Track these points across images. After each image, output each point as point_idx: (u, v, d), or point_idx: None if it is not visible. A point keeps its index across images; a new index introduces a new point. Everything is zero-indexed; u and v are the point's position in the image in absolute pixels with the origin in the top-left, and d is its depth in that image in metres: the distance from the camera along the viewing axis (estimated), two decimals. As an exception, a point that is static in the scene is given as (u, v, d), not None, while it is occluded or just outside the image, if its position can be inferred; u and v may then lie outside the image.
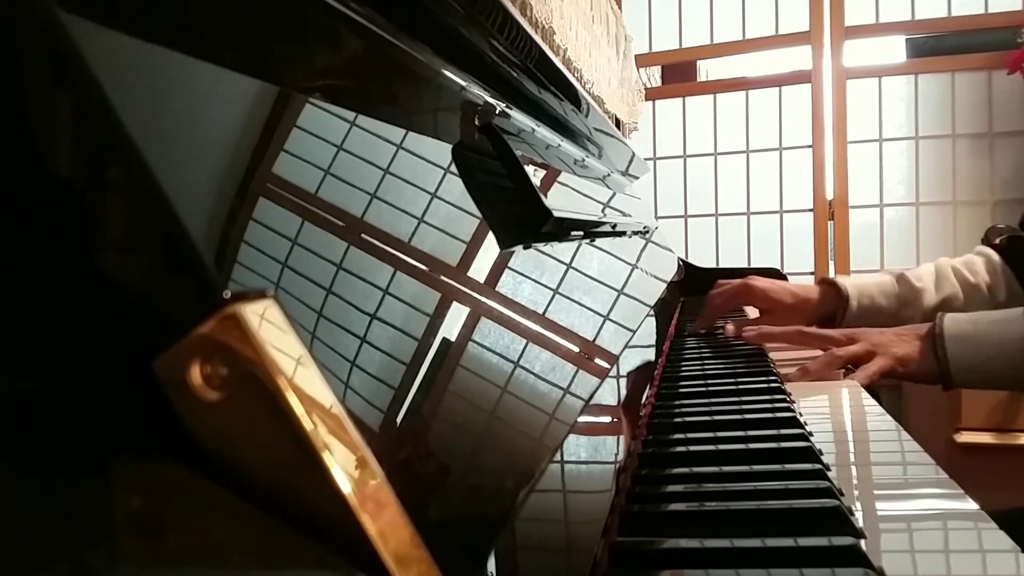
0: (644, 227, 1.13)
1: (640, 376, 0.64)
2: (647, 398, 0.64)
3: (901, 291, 1.03)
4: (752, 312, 1.20)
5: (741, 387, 0.69)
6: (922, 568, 0.36)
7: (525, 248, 0.48)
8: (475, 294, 0.36)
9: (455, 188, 0.41)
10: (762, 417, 0.57)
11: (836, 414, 0.70)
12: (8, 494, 0.15)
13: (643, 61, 2.37)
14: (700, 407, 0.62)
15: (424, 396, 0.27)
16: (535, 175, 0.56)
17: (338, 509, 0.16)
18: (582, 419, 0.41)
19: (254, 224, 0.22)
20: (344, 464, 0.17)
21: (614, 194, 1.04)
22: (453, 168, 0.42)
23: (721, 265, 2.33)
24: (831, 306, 1.04)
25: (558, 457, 0.35)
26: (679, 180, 2.47)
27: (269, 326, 0.17)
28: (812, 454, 0.48)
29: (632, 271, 0.85)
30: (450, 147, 0.43)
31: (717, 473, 0.46)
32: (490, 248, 0.41)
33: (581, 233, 0.67)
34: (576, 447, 0.39)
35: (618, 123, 1.71)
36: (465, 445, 0.29)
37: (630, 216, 1.03)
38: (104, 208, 0.18)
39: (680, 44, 2.46)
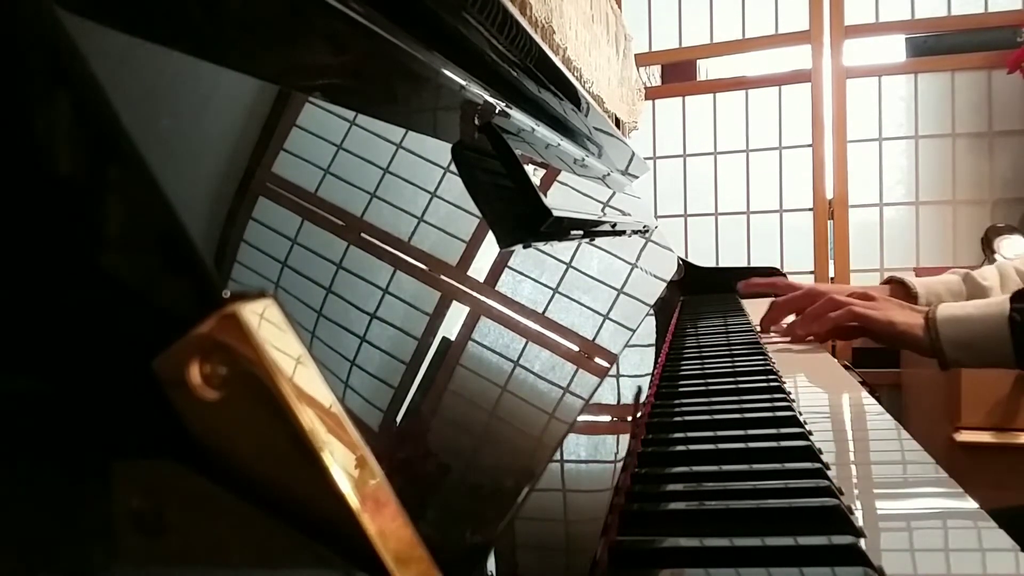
0: (644, 226, 1.13)
1: (640, 375, 0.64)
2: (647, 397, 0.64)
3: (969, 290, 1.03)
4: (754, 314, 1.20)
5: (741, 386, 0.69)
6: (922, 567, 0.36)
7: (525, 247, 0.48)
8: (475, 293, 0.36)
9: (455, 187, 0.41)
10: (762, 416, 0.57)
11: (836, 413, 0.70)
12: (8, 494, 0.15)
13: (643, 60, 2.37)
14: (700, 406, 0.62)
15: (424, 395, 0.27)
16: (535, 174, 0.56)
17: (338, 509, 0.16)
18: (582, 418, 0.41)
19: (254, 223, 0.22)
20: (344, 464, 0.17)
21: (614, 193, 1.04)
22: (453, 167, 0.42)
23: (721, 264, 2.33)
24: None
25: (558, 456, 0.35)
26: (679, 179, 2.47)
27: (268, 325, 0.17)
28: (812, 453, 0.48)
29: (632, 270, 0.85)
30: (450, 146, 0.43)
31: (717, 472, 0.46)
32: (490, 247, 0.41)
33: (581, 232, 0.67)
34: (576, 446, 0.39)
35: (618, 122, 1.71)
36: (465, 444, 0.29)
37: (630, 215, 1.03)
38: (103, 207, 0.18)
39: (680, 43, 2.46)
